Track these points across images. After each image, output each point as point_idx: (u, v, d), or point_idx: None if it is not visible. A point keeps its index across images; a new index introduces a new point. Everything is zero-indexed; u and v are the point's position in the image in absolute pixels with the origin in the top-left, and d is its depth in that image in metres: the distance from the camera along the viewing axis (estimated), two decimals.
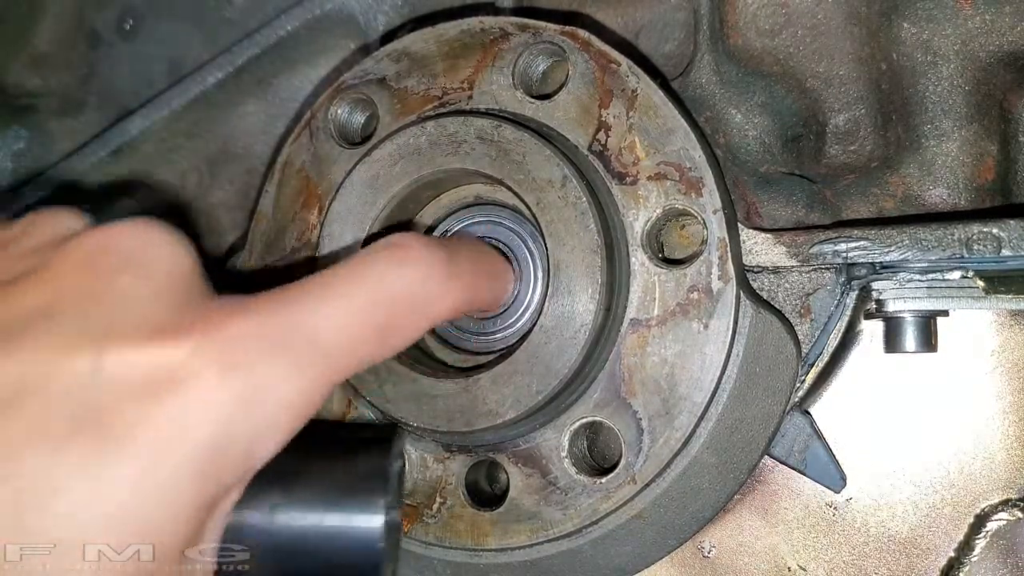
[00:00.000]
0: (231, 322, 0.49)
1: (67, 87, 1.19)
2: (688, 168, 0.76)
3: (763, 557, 0.93)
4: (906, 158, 0.86)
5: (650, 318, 0.76)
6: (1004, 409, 0.88)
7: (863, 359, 0.90)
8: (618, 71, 0.78)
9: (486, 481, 0.85)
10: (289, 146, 0.89)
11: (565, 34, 0.80)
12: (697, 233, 0.78)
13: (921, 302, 0.82)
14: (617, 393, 0.77)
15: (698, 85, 0.88)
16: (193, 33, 1.13)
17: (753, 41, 0.83)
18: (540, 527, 0.79)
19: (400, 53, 0.85)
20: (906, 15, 0.83)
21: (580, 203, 0.73)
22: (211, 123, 1.12)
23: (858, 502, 0.91)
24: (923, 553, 0.89)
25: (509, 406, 0.73)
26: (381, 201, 0.78)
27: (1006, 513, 0.87)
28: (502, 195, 0.83)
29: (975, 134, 0.84)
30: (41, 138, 1.22)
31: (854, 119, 0.84)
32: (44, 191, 1.16)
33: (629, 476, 0.76)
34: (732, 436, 0.77)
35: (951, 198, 0.85)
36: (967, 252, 0.73)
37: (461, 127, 0.76)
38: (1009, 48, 0.82)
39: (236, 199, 1.13)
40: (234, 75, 1.08)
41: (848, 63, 0.83)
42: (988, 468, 0.88)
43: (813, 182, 0.89)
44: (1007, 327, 0.88)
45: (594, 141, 0.78)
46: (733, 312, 0.75)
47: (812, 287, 0.83)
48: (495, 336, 0.85)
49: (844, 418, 0.90)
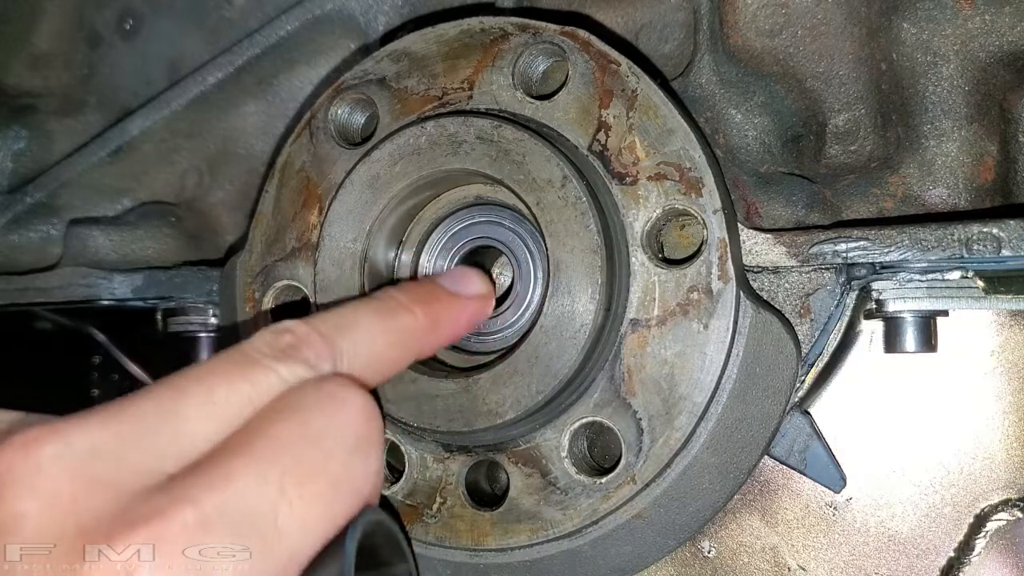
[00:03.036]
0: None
1: (67, 87, 1.20)
2: (688, 168, 0.76)
3: (763, 557, 0.93)
4: (906, 158, 0.86)
5: (650, 318, 0.76)
6: (1004, 409, 0.88)
7: (863, 359, 0.90)
8: (618, 71, 0.78)
9: (486, 481, 0.85)
10: (289, 146, 0.89)
11: (565, 34, 0.80)
12: (697, 233, 0.78)
13: (921, 302, 0.82)
14: (617, 393, 0.77)
15: (698, 85, 0.88)
16: (193, 33, 1.13)
17: (753, 41, 0.83)
18: (540, 527, 0.79)
19: (400, 53, 0.85)
20: (906, 15, 0.83)
21: (580, 203, 0.73)
22: (211, 123, 1.12)
23: (858, 502, 0.91)
24: (923, 553, 0.89)
25: (509, 406, 0.73)
26: (381, 201, 0.79)
27: (1006, 513, 0.87)
28: (502, 195, 0.83)
29: (975, 134, 0.84)
30: (41, 138, 1.22)
31: (854, 119, 0.84)
32: (44, 191, 1.16)
33: (629, 476, 0.77)
34: (732, 436, 0.77)
35: (951, 198, 0.85)
36: (967, 252, 0.73)
37: (461, 127, 0.76)
38: (1009, 48, 0.82)
39: (236, 199, 1.13)
40: (234, 75, 1.08)
41: (848, 63, 0.83)
42: (988, 468, 0.88)
43: (813, 182, 0.89)
44: (1007, 327, 0.88)
45: (594, 141, 0.78)
46: (733, 312, 0.75)
47: (812, 287, 0.83)
48: (495, 336, 0.85)
49: (844, 418, 0.90)
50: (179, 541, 0.45)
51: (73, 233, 1.11)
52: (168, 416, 0.50)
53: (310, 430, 0.52)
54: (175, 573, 0.44)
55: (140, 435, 0.49)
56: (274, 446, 0.51)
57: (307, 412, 0.53)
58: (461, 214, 0.87)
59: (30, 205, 1.17)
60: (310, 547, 0.51)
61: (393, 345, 0.65)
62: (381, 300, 0.67)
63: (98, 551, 0.44)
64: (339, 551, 0.51)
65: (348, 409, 0.55)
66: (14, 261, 1.19)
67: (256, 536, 0.48)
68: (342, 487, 0.53)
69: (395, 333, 0.65)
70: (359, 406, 0.56)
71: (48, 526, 0.45)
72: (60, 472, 0.46)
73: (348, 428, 0.55)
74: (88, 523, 0.45)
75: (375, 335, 0.63)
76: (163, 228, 1.13)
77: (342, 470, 0.53)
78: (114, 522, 0.45)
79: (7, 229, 1.18)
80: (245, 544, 0.47)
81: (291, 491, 0.50)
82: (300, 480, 0.50)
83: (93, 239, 1.11)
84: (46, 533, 0.45)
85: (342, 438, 0.54)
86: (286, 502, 0.49)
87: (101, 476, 0.47)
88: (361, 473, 0.55)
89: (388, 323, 0.65)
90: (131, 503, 0.46)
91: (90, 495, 0.46)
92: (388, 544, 0.59)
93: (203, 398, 0.51)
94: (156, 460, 0.49)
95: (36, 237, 1.18)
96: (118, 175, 1.14)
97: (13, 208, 1.18)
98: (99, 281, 1.05)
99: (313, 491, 0.51)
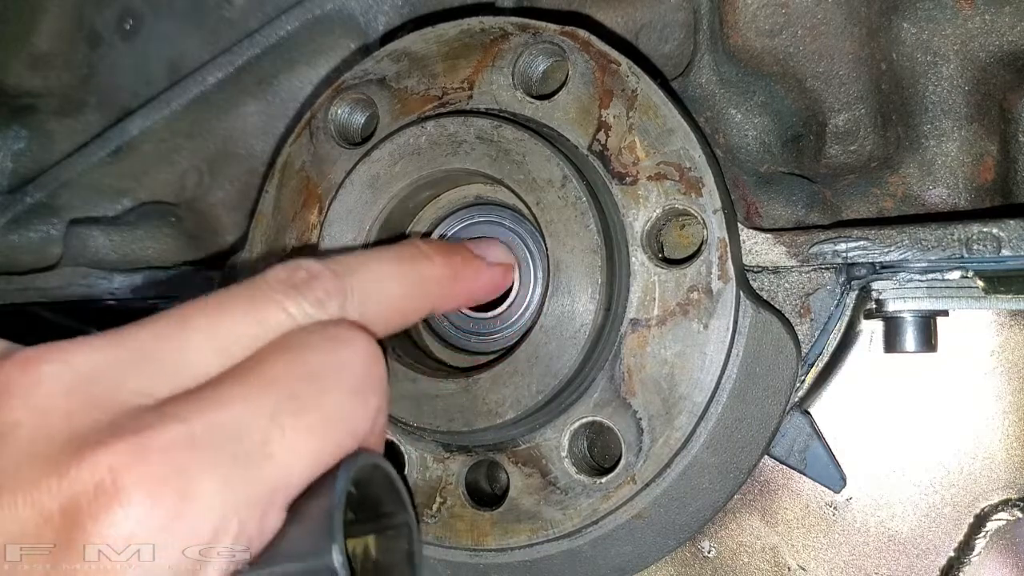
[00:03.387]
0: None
1: (67, 87, 1.19)
2: (688, 168, 0.76)
3: (763, 557, 0.93)
4: (906, 158, 0.86)
5: (650, 318, 0.76)
6: (1004, 409, 0.88)
7: (863, 359, 0.90)
8: (618, 71, 0.78)
9: (486, 481, 0.85)
10: (289, 146, 0.89)
11: (565, 34, 0.80)
12: (697, 233, 0.78)
13: (921, 302, 0.82)
14: (617, 393, 0.77)
15: (698, 85, 0.88)
16: (193, 33, 1.13)
17: (753, 41, 0.83)
18: (540, 527, 0.79)
19: (400, 53, 0.85)
20: (906, 15, 0.83)
21: (580, 203, 0.73)
22: (211, 123, 1.12)
23: (858, 502, 0.91)
24: (923, 553, 0.89)
25: (509, 406, 0.73)
26: (381, 201, 0.78)
27: (1006, 513, 0.87)
28: (502, 195, 0.83)
29: (975, 134, 0.84)
30: (41, 138, 1.22)
31: (854, 119, 0.84)
32: (44, 191, 1.16)
33: (629, 476, 0.76)
34: (732, 436, 0.77)
35: (951, 198, 0.85)
36: (967, 252, 0.73)
37: (461, 127, 0.76)
38: (1009, 48, 0.82)
39: (236, 199, 1.13)
40: (234, 75, 1.08)
41: (848, 63, 0.83)
42: (988, 468, 0.88)
43: (813, 182, 0.89)
44: (1007, 327, 0.88)
45: (594, 141, 0.78)
46: (733, 312, 0.75)
47: (812, 287, 0.83)
48: (495, 336, 0.85)
49: (844, 418, 0.90)
50: (165, 453, 0.46)
51: (73, 233, 1.11)
52: (171, 346, 0.51)
53: (308, 367, 0.53)
54: (158, 487, 0.45)
55: (140, 361, 0.50)
56: (269, 378, 0.51)
57: (306, 350, 0.54)
58: (461, 214, 0.87)
59: (30, 205, 1.17)
60: (298, 477, 0.51)
61: (408, 293, 0.65)
62: (402, 246, 0.67)
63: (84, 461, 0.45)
64: (330, 487, 0.51)
65: (348, 351, 0.55)
66: (14, 261, 1.19)
67: (243, 456, 0.48)
68: (336, 424, 0.53)
69: (411, 279, 0.65)
70: (361, 349, 0.56)
71: (41, 436, 0.46)
72: (57, 388, 0.48)
73: (346, 369, 0.55)
74: (79, 434, 0.46)
75: (390, 279, 0.63)
76: (163, 228, 1.13)
77: (337, 409, 0.53)
78: (101, 432, 0.46)
79: (7, 229, 1.18)
80: (232, 463, 0.47)
81: (283, 420, 0.50)
82: (293, 412, 0.51)
83: (93, 239, 1.11)
84: (38, 442, 0.46)
85: (340, 378, 0.54)
86: (277, 430, 0.50)
87: (96, 395, 0.48)
88: (359, 415, 0.55)
89: (405, 268, 0.65)
90: (124, 416, 0.47)
91: (84, 411, 0.47)
92: (387, 492, 0.58)
93: (208, 332, 0.52)
94: (153, 385, 0.50)
95: (36, 237, 1.19)
96: (118, 175, 1.14)
97: (13, 208, 1.18)
98: (99, 281, 1.05)
99: (305, 423, 0.51)
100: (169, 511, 0.45)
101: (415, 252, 0.67)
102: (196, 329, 0.52)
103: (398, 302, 0.64)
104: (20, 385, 0.48)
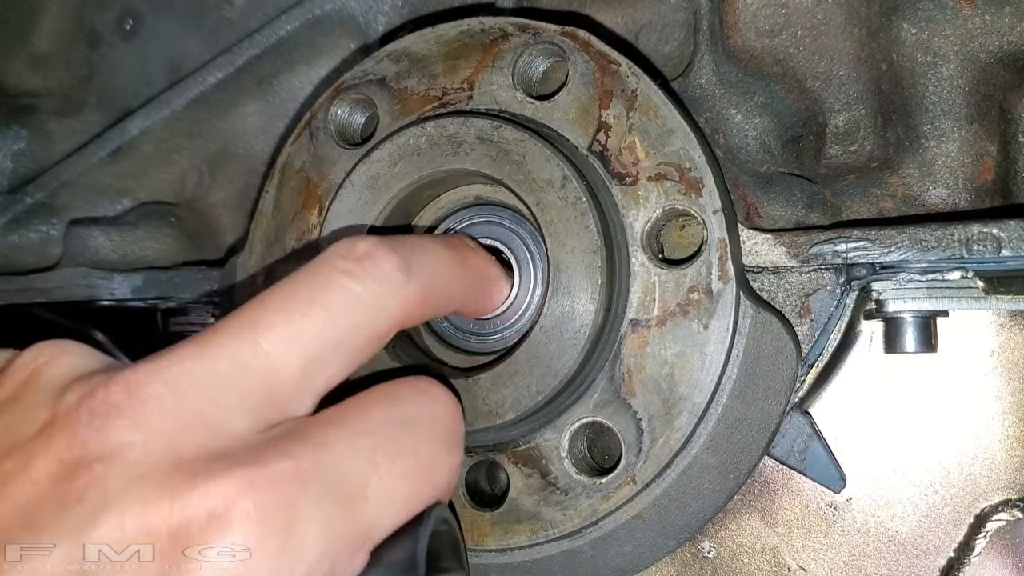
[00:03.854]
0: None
1: (67, 87, 1.19)
2: (688, 168, 0.76)
3: (763, 557, 0.93)
4: (906, 158, 0.86)
5: (650, 318, 0.76)
6: (1004, 409, 0.88)
7: (863, 359, 0.90)
8: (618, 71, 0.78)
9: (486, 481, 0.85)
10: (289, 146, 0.89)
11: (565, 34, 0.80)
12: (697, 233, 0.78)
13: (921, 302, 0.82)
14: (617, 393, 0.77)
15: (698, 85, 0.88)
16: (193, 33, 1.13)
17: (753, 41, 0.83)
18: (540, 527, 0.79)
19: (400, 54, 0.85)
20: (906, 16, 0.83)
21: (580, 203, 0.73)
22: (211, 123, 1.11)
23: (858, 502, 0.91)
24: (923, 553, 0.89)
25: (509, 406, 0.73)
26: (381, 202, 0.78)
27: (1006, 513, 0.87)
28: (502, 195, 0.83)
29: (975, 134, 0.84)
30: (41, 138, 1.22)
31: (854, 119, 0.84)
32: (44, 191, 1.16)
33: (629, 476, 0.77)
34: (732, 436, 0.77)
35: (951, 198, 0.85)
36: (967, 252, 0.73)
37: (461, 128, 0.76)
38: (1009, 48, 0.82)
39: (236, 199, 1.13)
40: (234, 75, 1.08)
41: (848, 63, 0.83)
42: (988, 468, 0.88)
43: (813, 182, 0.89)
44: (1007, 327, 0.88)
45: (594, 141, 0.78)
46: (733, 312, 0.75)
47: (812, 287, 0.83)
48: (495, 336, 0.85)
49: (844, 418, 0.90)
50: (275, 488, 0.47)
51: (73, 233, 1.11)
52: (255, 353, 0.52)
53: (403, 415, 0.55)
54: (267, 520, 0.46)
55: (232, 373, 0.51)
56: (368, 422, 0.53)
57: (400, 400, 0.56)
58: (461, 214, 0.87)
59: (30, 205, 1.17)
60: (390, 521, 0.52)
61: (458, 276, 0.67)
62: (445, 236, 0.69)
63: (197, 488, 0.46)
64: (412, 536, 0.53)
65: (440, 405, 0.58)
66: (14, 261, 1.19)
67: (344, 497, 0.49)
68: (426, 473, 0.55)
69: (461, 265, 0.67)
70: (448, 404, 0.59)
71: (147, 457, 0.47)
72: (159, 410, 0.49)
73: (438, 421, 0.57)
74: (186, 459, 0.47)
75: (444, 263, 0.65)
76: (163, 228, 1.13)
77: (429, 458, 0.55)
78: (210, 459, 0.47)
79: (7, 229, 1.18)
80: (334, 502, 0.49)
81: (381, 465, 0.52)
82: (390, 457, 0.52)
83: (93, 239, 1.11)
84: (145, 463, 0.47)
85: (431, 429, 0.56)
86: (376, 473, 0.51)
87: (198, 414, 0.49)
88: (447, 467, 0.57)
89: (457, 254, 0.67)
90: (229, 444, 0.49)
91: (187, 434, 0.48)
92: (448, 548, 0.60)
93: (283, 331, 0.53)
94: (248, 398, 0.51)
95: (36, 237, 1.18)
96: (118, 175, 1.14)
97: (13, 208, 1.18)
98: (99, 281, 1.05)
99: (401, 469, 0.53)
100: (275, 545, 0.46)
101: (459, 243, 0.70)
102: (274, 330, 0.52)
103: (451, 283, 0.65)
104: (128, 407, 0.48)
